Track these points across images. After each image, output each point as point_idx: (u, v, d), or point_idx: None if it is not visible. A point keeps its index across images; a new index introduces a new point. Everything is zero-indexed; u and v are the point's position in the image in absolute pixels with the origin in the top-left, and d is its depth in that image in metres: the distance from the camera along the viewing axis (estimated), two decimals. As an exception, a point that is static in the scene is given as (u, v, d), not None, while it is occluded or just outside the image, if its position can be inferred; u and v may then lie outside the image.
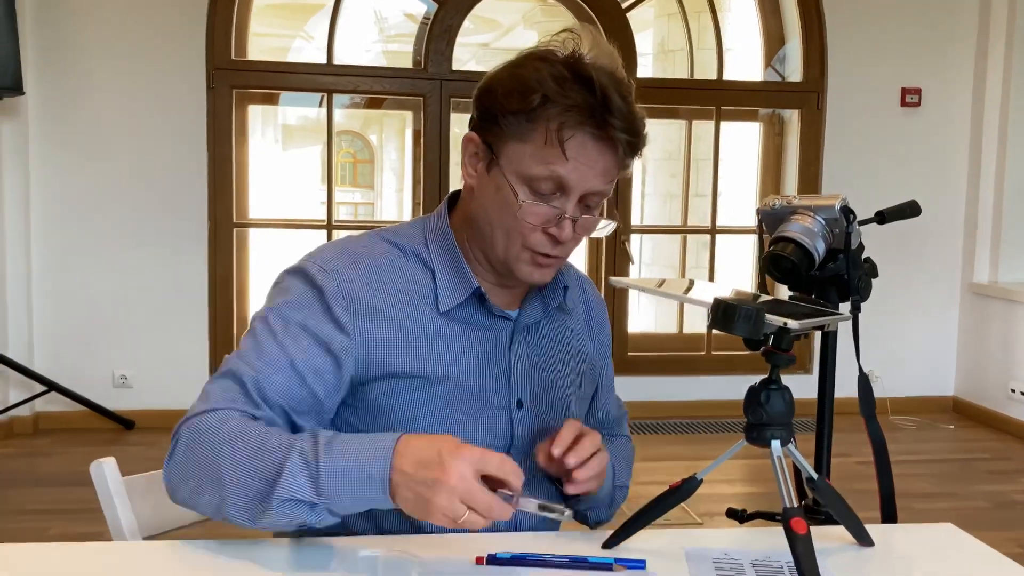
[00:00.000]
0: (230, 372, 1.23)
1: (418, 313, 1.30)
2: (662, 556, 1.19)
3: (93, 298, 4.73)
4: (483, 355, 1.33)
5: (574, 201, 1.25)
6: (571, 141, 1.21)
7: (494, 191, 1.27)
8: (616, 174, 1.28)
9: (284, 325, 1.25)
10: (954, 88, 5.35)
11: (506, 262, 1.29)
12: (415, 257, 1.34)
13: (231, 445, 1.13)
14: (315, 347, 1.24)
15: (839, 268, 1.47)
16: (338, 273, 1.28)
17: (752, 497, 3.88)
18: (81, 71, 4.63)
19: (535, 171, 1.23)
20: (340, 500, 1.09)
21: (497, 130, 1.26)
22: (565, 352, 1.42)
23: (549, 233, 1.26)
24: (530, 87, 1.22)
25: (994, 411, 5.18)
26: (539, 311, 1.39)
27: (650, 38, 6.91)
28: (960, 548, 1.27)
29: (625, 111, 1.22)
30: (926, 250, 5.38)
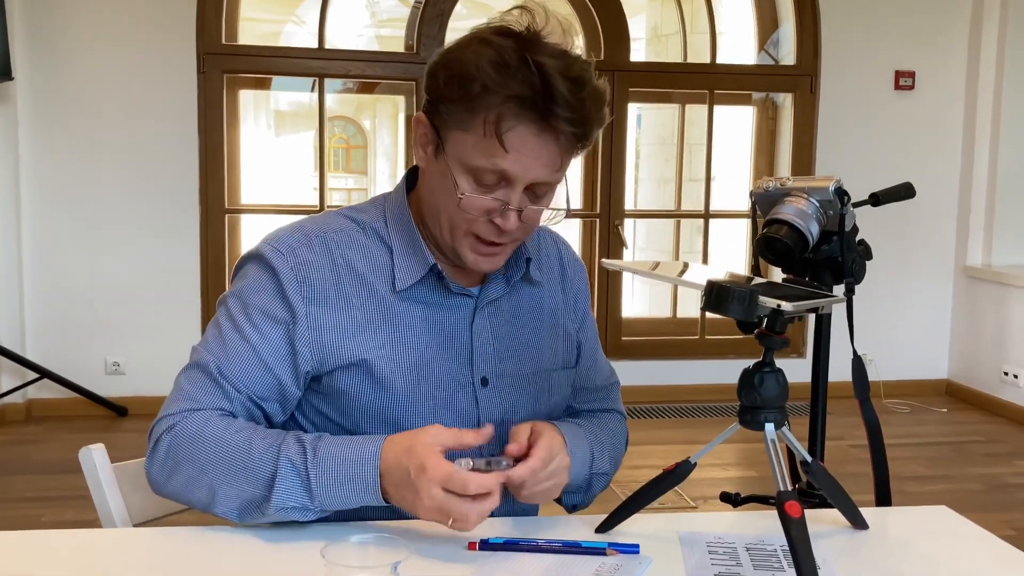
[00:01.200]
0: (197, 363, 1.24)
1: (375, 294, 1.28)
2: (656, 540, 1.18)
3: (85, 285, 4.71)
4: (444, 334, 1.31)
5: (519, 191, 1.21)
6: (510, 134, 1.17)
7: (440, 177, 1.24)
8: (564, 162, 1.24)
9: (244, 311, 1.25)
10: (948, 71, 5.34)
11: (452, 248, 1.27)
12: (373, 233, 1.32)
13: (216, 452, 1.16)
14: (276, 331, 1.24)
15: (833, 250, 1.46)
16: (292, 253, 1.26)
17: (746, 481, 3.88)
18: (71, 56, 4.60)
19: (477, 163, 1.20)
20: (332, 502, 1.15)
21: (442, 117, 1.23)
22: (537, 325, 1.39)
23: (493, 222, 1.23)
24: (469, 75, 1.17)
25: (987, 394, 5.19)
26: (501, 286, 1.35)
27: (643, 22, 6.88)
28: (954, 530, 1.27)
29: (571, 99, 1.15)
30: (919, 233, 5.38)
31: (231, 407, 1.22)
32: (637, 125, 7.17)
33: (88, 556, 1.12)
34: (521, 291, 1.38)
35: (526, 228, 1.26)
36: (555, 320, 1.42)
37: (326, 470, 1.13)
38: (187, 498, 1.21)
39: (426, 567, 1.07)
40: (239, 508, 1.16)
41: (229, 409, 1.22)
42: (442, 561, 1.10)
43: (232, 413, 1.23)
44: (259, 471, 1.14)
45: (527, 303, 1.39)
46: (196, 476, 1.17)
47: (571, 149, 1.22)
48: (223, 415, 1.21)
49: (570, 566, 1.10)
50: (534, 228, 1.28)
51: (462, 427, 1.29)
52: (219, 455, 1.16)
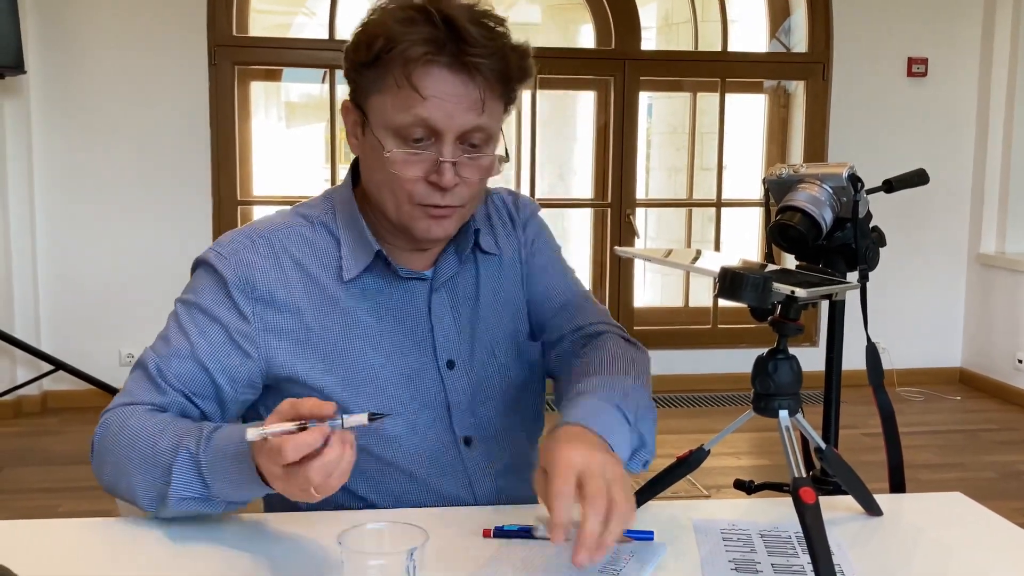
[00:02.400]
0: (139, 362, 1.26)
1: (323, 289, 1.26)
2: (670, 527, 1.19)
3: (98, 277, 4.73)
4: (400, 320, 1.29)
5: (450, 143, 1.17)
6: (422, 77, 1.15)
7: (372, 152, 1.22)
8: (490, 106, 1.19)
9: (189, 314, 1.25)
10: (961, 58, 5.31)
11: (401, 222, 1.24)
12: (322, 227, 1.30)
13: (132, 442, 1.15)
14: (216, 332, 1.24)
15: (846, 237, 1.46)
16: (235, 256, 1.26)
17: (759, 469, 3.88)
18: (82, 49, 4.61)
19: (399, 119, 1.17)
20: (227, 491, 1.10)
21: (360, 89, 1.21)
22: (497, 296, 1.36)
23: (431, 182, 1.19)
24: (373, 33, 1.16)
25: (1001, 382, 5.17)
26: (453, 263, 1.32)
27: (654, 11, 6.85)
28: (969, 517, 1.27)
29: (479, 37, 1.14)
30: (933, 221, 5.36)
31: (164, 401, 1.22)
32: (648, 114, 7.15)
33: (105, 544, 1.13)
34: (477, 265, 1.36)
35: (470, 187, 1.22)
36: (517, 288, 1.39)
37: (216, 457, 1.09)
38: (118, 491, 1.20)
39: (441, 554, 1.08)
40: (154, 500, 1.14)
41: (161, 403, 1.22)
42: (457, 548, 1.11)
43: (164, 408, 1.22)
44: (162, 460, 1.12)
45: (485, 276, 1.36)
46: (119, 467, 1.17)
47: (492, 90, 1.18)
48: (152, 409, 1.21)
49: (585, 553, 1.10)
50: (479, 187, 1.24)
51: (435, 413, 1.29)
52: (134, 446, 1.15)
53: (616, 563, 1.07)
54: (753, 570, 1.08)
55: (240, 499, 1.12)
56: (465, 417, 1.32)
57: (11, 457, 4.02)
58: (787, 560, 1.10)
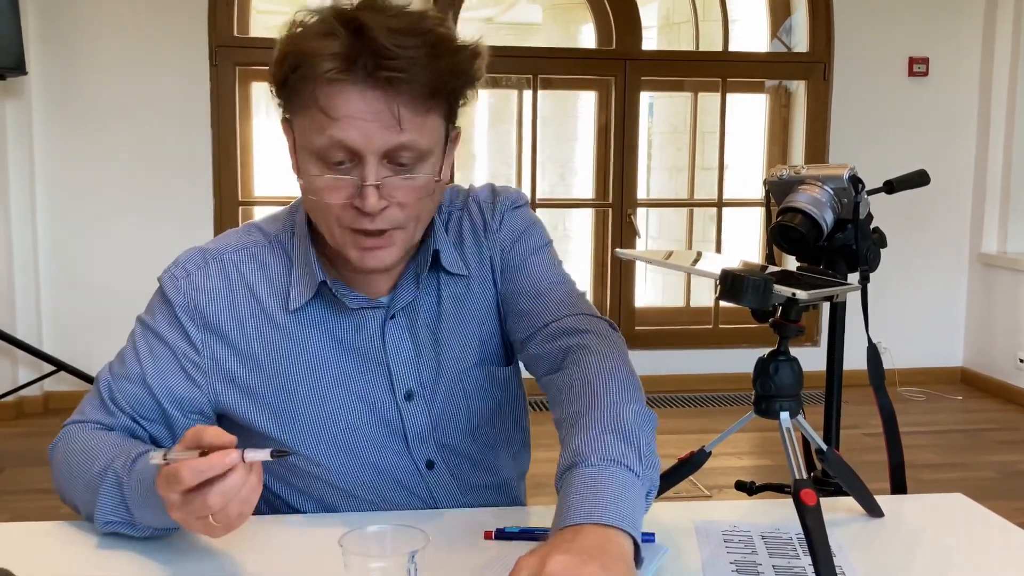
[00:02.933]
0: (96, 379, 1.26)
1: (271, 317, 1.21)
2: (671, 529, 1.19)
3: (100, 277, 4.74)
4: (351, 352, 1.22)
5: (372, 165, 1.07)
6: (331, 97, 1.05)
7: (302, 175, 1.14)
8: (415, 121, 1.07)
9: (144, 335, 1.24)
10: (962, 57, 5.30)
11: (340, 250, 1.15)
12: (279, 245, 1.24)
13: (75, 460, 1.17)
14: (169, 360, 1.22)
15: (847, 238, 1.46)
16: (187, 279, 1.23)
17: (761, 470, 3.88)
18: (84, 50, 4.61)
19: (317, 143, 1.08)
20: (151, 520, 1.08)
21: (285, 108, 1.14)
22: (462, 320, 1.26)
23: (356, 207, 1.10)
24: (283, 54, 1.09)
25: (1002, 381, 5.17)
26: (411, 289, 1.23)
27: (655, 11, 6.86)
28: (969, 518, 1.27)
29: (396, 47, 1.04)
30: (934, 221, 5.36)
31: (112, 422, 1.22)
32: (649, 114, 7.15)
33: (105, 546, 1.13)
34: (439, 287, 1.25)
35: (404, 208, 1.11)
36: (489, 308, 1.28)
37: (136, 482, 1.07)
38: (67, 502, 1.21)
39: (443, 556, 1.08)
40: (94, 519, 1.13)
41: (109, 424, 1.22)
42: (459, 550, 1.11)
43: (111, 428, 1.22)
44: (93, 483, 1.12)
45: (449, 299, 1.26)
46: (65, 482, 1.19)
47: (416, 104, 1.07)
48: (99, 428, 1.22)
49: (586, 555, 1.10)
50: (416, 208, 1.13)
51: (392, 442, 1.24)
52: (76, 464, 1.17)
53: (617, 565, 1.07)
54: (754, 572, 1.08)
55: (162, 526, 1.09)
56: (425, 445, 1.27)
57: (12, 458, 4.02)
58: (788, 562, 1.10)
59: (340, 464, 1.25)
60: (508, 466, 1.35)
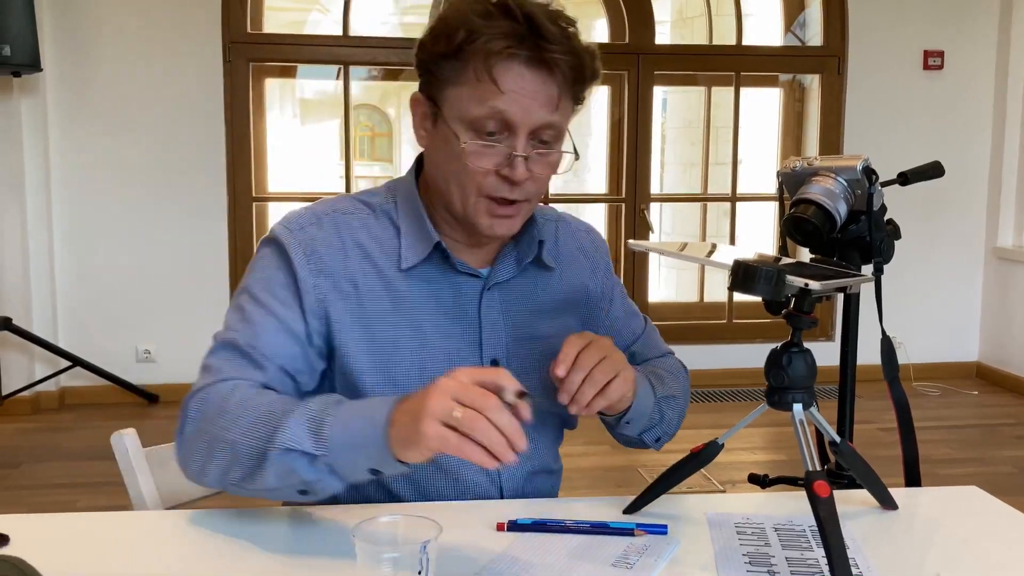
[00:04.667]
0: (225, 343, 1.23)
1: (381, 273, 1.27)
2: (684, 521, 1.19)
3: (115, 273, 4.76)
4: (450, 314, 1.29)
5: (523, 137, 1.19)
6: (502, 71, 1.16)
7: (443, 143, 1.22)
8: (564, 104, 1.21)
9: (264, 288, 1.25)
10: (977, 50, 5.27)
11: (466, 216, 1.24)
12: (384, 214, 1.31)
13: (239, 410, 1.12)
14: (295, 303, 1.24)
15: (861, 230, 1.45)
16: (302, 231, 1.27)
17: (774, 464, 3.87)
18: (98, 47, 4.63)
19: (475, 112, 1.18)
20: (339, 452, 1.05)
21: (434, 81, 1.22)
22: (554, 311, 1.37)
23: (502, 175, 1.20)
24: (454, 26, 1.18)
25: (1018, 376, 5.14)
26: (512, 267, 1.33)
27: (668, 5, 6.84)
28: (985, 511, 1.26)
29: (558, 34, 1.16)
30: (949, 214, 5.33)
31: (265, 378, 1.20)
32: (663, 109, 7.13)
33: (122, 538, 1.14)
34: (535, 276, 1.36)
35: (537, 183, 1.23)
36: (575, 302, 1.40)
37: (341, 414, 1.06)
38: (208, 470, 1.15)
39: (455, 547, 1.08)
40: (250, 465, 1.09)
41: (263, 380, 1.20)
42: (471, 541, 1.11)
43: (266, 385, 1.20)
44: (274, 417, 1.09)
45: (543, 288, 1.37)
46: (216, 437, 1.12)
47: (567, 88, 1.20)
48: (255, 385, 1.19)
49: (598, 546, 1.10)
50: (544, 183, 1.25)
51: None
52: (240, 411, 1.12)
53: (629, 556, 1.07)
54: (767, 564, 1.07)
55: (345, 467, 1.06)
56: None
57: (29, 453, 4.04)
58: (801, 554, 1.10)
59: None
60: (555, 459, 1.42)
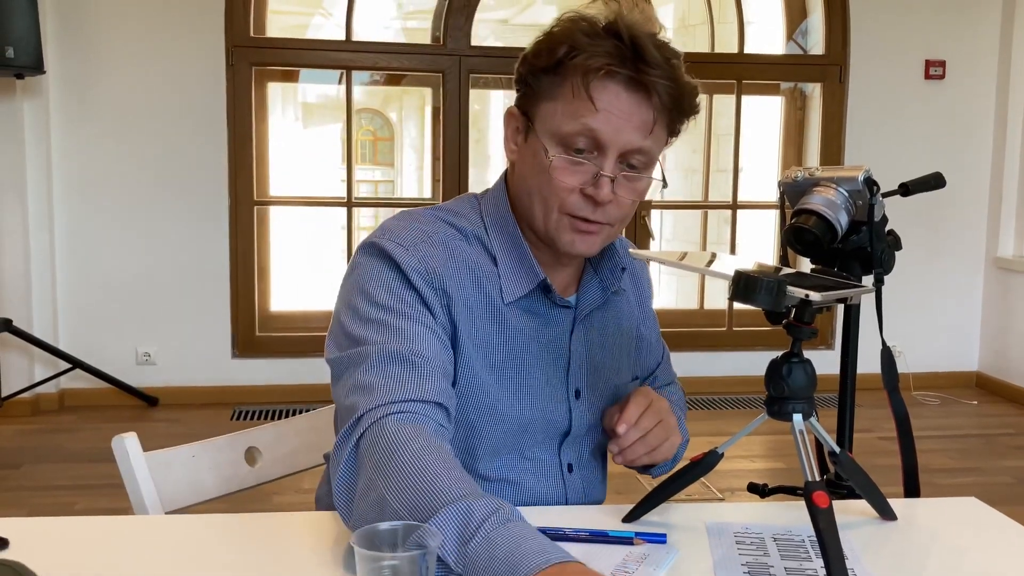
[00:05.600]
0: (382, 356, 1.14)
1: (488, 300, 1.25)
2: (683, 530, 1.19)
3: (116, 276, 4.76)
4: (545, 344, 1.30)
5: (612, 159, 1.18)
6: (599, 89, 1.16)
7: (531, 157, 1.22)
8: (658, 131, 1.20)
9: (398, 300, 1.19)
10: (979, 61, 5.28)
11: (547, 232, 1.23)
12: (477, 241, 1.27)
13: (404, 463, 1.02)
14: (430, 316, 1.20)
15: (862, 240, 1.45)
16: (416, 248, 1.22)
17: (773, 473, 3.87)
18: (101, 49, 4.64)
19: (567, 127, 1.17)
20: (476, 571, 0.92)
21: (531, 94, 1.22)
22: (621, 335, 1.39)
23: (587, 195, 1.19)
24: (558, 41, 1.18)
25: (1018, 386, 5.14)
26: (598, 296, 1.34)
27: (671, 12, 6.85)
28: (984, 522, 1.26)
29: (660, 60, 1.16)
30: (950, 224, 5.33)
31: (435, 388, 1.13)
32: (664, 116, 7.13)
33: (120, 542, 1.14)
34: (610, 301, 1.38)
35: (621, 207, 1.22)
36: (633, 328, 1.43)
37: (505, 536, 0.92)
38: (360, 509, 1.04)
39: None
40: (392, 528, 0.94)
41: (433, 394, 1.13)
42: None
43: (431, 399, 1.13)
44: (434, 500, 0.97)
45: (616, 314, 1.39)
46: (376, 482, 1.02)
47: (664, 115, 1.19)
48: (439, 430, 1.11)
49: (597, 555, 1.10)
50: (629, 209, 1.24)
51: (552, 439, 1.32)
52: (410, 467, 1.01)
53: (628, 565, 1.08)
54: (766, 574, 1.07)
55: None
56: (577, 445, 1.36)
57: (28, 454, 4.04)
58: (800, 564, 1.10)
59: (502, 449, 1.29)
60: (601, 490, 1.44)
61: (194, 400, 4.70)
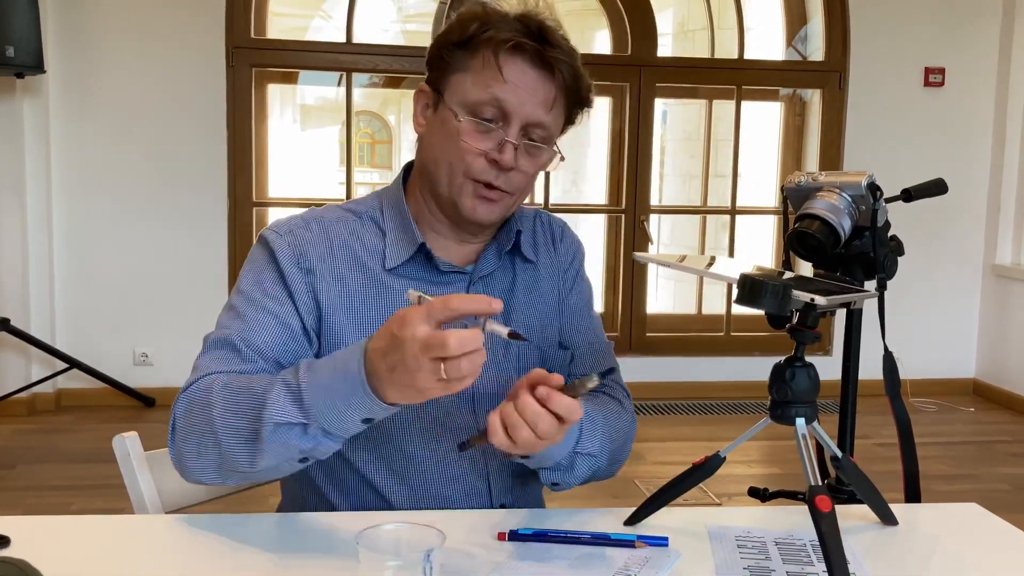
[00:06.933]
0: (216, 340, 1.25)
1: (366, 272, 1.31)
2: (684, 534, 1.19)
3: (114, 276, 4.76)
4: None
5: (516, 128, 1.26)
6: (507, 61, 1.25)
7: (440, 126, 1.29)
8: (557, 109, 1.28)
9: (257, 287, 1.28)
10: (978, 68, 5.29)
11: (450, 196, 1.29)
12: (370, 220, 1.36)
13: (221, 397, 1.14)
14: (288, 303, 1.27)
15: (865, 246, 1.45)
16: (290, 233, 1.31)
17: (772, 477, 3.87)
18: (102, 50, 4.64)
19: (475, 96, 1.25)
20: (327, 413, 1.05)
21: (442, 66, 1.29)
22: (532, 302, 1.39)
23: (491, 159, 1.26)
24: (470, 19, 1.27)
25: (1015, 393, 5.15)
26: (493, 260, 1.37)
27: (670, 17, 6.86)
28: (984, 528, 1.27)
29: (564, 46, 1.26)
30: (948, 232, 5.34)
31: (251, 370, 1.21)
32: (663, 121, 7.14)
33: (121, 541, 1.14)
34: (516, 269, 1.40)
35: (523, 177, 1.29)
36: (553, 300, 1.43)
37: (315, 378, 1.07)
38: (203, 465, 1.16)
39: (457, 556, 1.08)
40: (245, 448, 1.11)
41: (247, 371, 1.21)
42: (473, 551, 1.11)
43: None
44: (255, 396, 1.10)
45: (522, 281, 1.40)
46: (204, 429, 1.14)
47: (563, 95, 1.28)
48: (237, 374, 1.19)
49: (599, 558, 1.10)
50: (529, 181, 1.31)
51: (457, 402, 1.31)
52: (222, 398, 1.14)
53: (630, 568, 1.08)
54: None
55: (337, 426, 1.06)
56: (488, 409, 1.30)
57: (25, 454, 4.04)
58: (802, 568, 1.10)
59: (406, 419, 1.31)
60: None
61: (191, 401, 4.69)
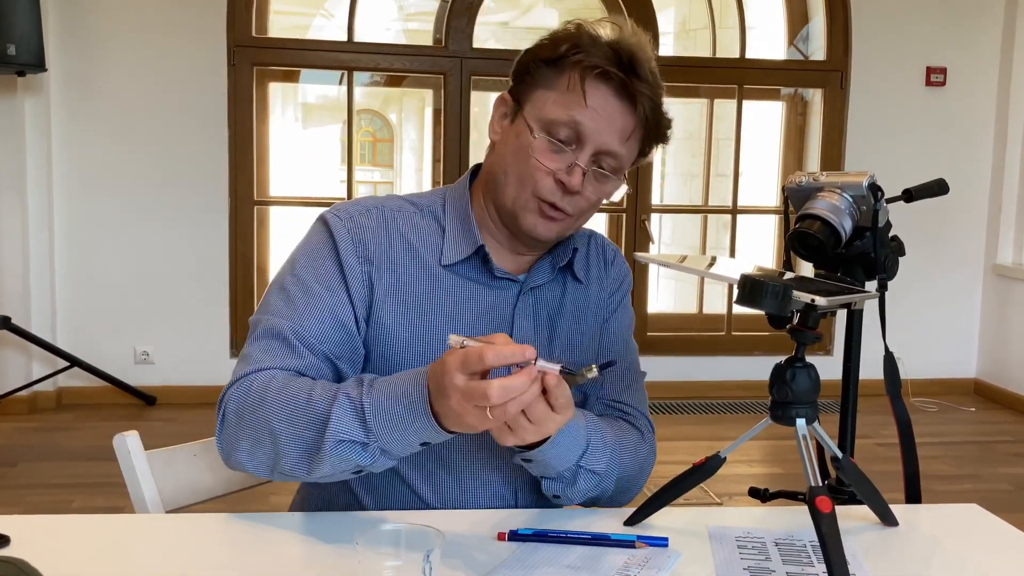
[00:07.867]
0: (267, 331, 1.24)
1: (422, 264, 1.32)
2: (685, 534, 1.19)
3: (115, 274, 4.76)
4: (483, 313, 1.32)
5: (587, 153, 1.26)
6: (592, 88, 1.24)
7: (514, 138, 1.29)
8: (632, 142, 1.28)
9: (311, 274, 1.28)
10: (980, 67, 5.29)
11: (513, 211, 1.29)
12: (430, 215, 1.36)
13: (279, 400, 1.15)
14: (341, 289, 1.27)
15: (866, 246, 1.45)
16: (351, 219, 1.32)
17: (772, 477, 3.87)
18: (103, 48, 4.64)
19: (554, 115, 1.25)
20: (388, 434, 1.08)
21: (527, 80, 1.29)
22: (578, 321, 1.40)
23: (559, 180, 1.26)
24: (563, 39, 1.27)
25: (1016, 393, 5.14)
26: (546, 272, 1.37)
27: (672, 16, 6.85)
28: (985, 528, 1.26)
29: (651, 80, 1.26)
30: (949, 231, 5.34)
31: (303, 365, 1.22)
32: (664, 120, 7.13)
33: (121, 540, 1.14)
34: (566, 285, 1.40)
35: (586, 203, 1.29)
36: (596, 323, 1.43)
37: (379, 398, 1.09)
38: (254, 460, 1.18)
39: (457, 556, 1.08)
40: (303, 456, 1.13)
41: (299, 367, 1.22)
42: (472, 551, 1.11)
43: (302, 372, 1.22)
44: (317, 409, 1.12)
45: (571, 298, 1.40)
46: (261, 429, 1.16)
47: (641, 129, 1.28)
48: (291, 374, 1.20)
49: (599, 558, 1.10)
50: (592, 207, 1.31)
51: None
52: (281, 402, 1.14)
53: (630, 569, 1.07)
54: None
55: (396, 446, 1.10)
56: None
57: (26, 452, 4.04)
58: (802, 569, 1.10)
59: None
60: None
61: (192, 399, 4.69)
